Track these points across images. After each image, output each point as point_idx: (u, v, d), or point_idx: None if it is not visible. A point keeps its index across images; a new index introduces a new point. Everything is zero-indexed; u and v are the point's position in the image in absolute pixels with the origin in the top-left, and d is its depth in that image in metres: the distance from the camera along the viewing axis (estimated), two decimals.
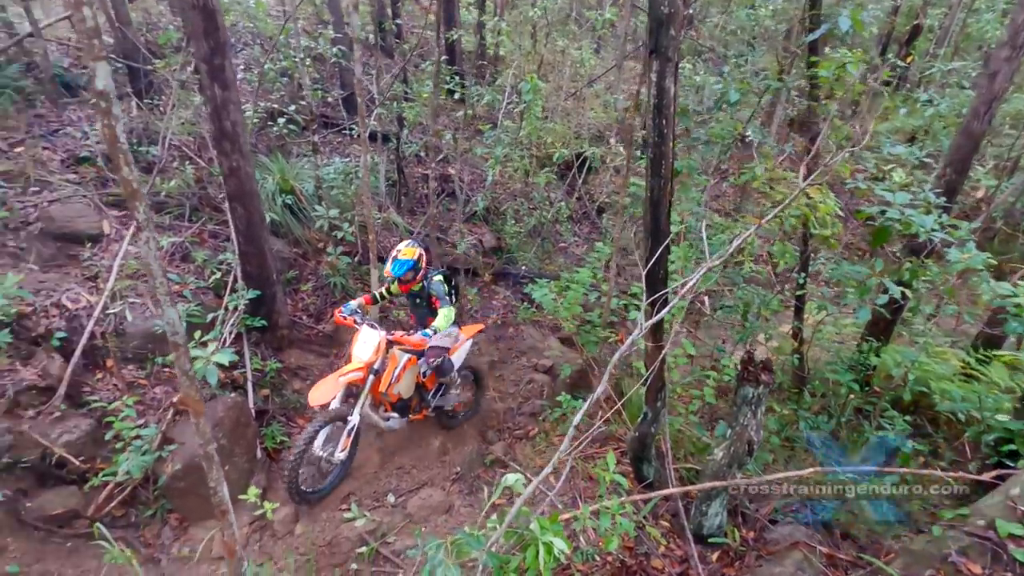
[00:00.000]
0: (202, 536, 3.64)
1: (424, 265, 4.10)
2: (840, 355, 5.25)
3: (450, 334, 4.27)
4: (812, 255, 4.97)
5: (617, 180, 9.16)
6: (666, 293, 2.86)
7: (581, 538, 3.45)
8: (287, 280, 5.44)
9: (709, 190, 6.04)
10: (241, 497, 2.96)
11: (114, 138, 1.67)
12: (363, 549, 3.60)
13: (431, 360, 4.11)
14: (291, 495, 3.66)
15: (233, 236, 4.96)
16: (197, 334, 4.13)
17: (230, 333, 4.43)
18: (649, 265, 2.73)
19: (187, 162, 5.87)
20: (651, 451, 3.70)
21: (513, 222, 7.10)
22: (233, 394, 4.26)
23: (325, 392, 3.66)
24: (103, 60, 1.61)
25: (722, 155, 4.60)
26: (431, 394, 4.53)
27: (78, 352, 3.96)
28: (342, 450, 3.82)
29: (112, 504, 3.60)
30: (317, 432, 3.64)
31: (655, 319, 2.61)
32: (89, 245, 4.71)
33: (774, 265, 5.07)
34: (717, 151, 5.49)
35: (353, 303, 4.15)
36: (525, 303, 6.43)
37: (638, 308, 4.56)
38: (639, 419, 3.63)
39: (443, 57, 8.32)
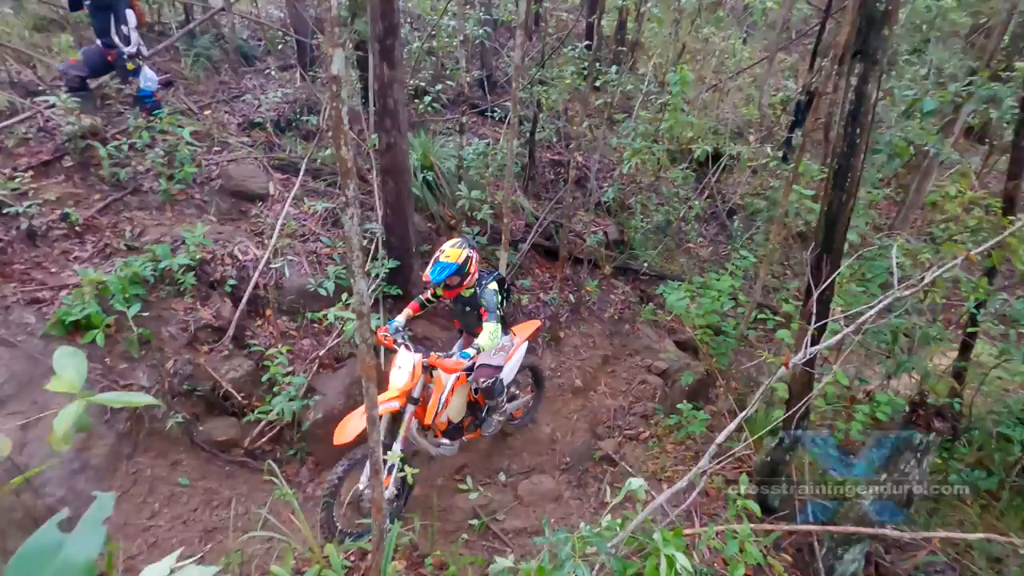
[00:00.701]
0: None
1: (473, 269, 3.62)
2: (1009, 406, 4.60)
3: (502, 347, 3.89)
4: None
5: (754, 181, 8.60)
6: (835, 318, 2.63)
7: (695, 554, 3.34)
8: (421, 253, 5.70)
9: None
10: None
11: (339, 120, 1.79)
12: (475, 522, 3.75)
13: (481, 381, 3.74)
14: (325, 532, 3.18)
15: (379, 207, 5.28)
16: (344, 296, 4.47)
17: (370, 298, 4.73)
18: (822, 287, 2.52)
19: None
20: (781, 478, 3.48)
21: (642, 217, 6.91)
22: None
23: (351, 429, 3.19)
24: (340, 48, 1.72)
25: (897, 167, 4.12)
26: (485, 411, 4.10)
27: (244, 299, 4.43)
28: (385, 488, 3.29)
29: (263, 439, 4.03)
30: (350, 468, 3.25)
31: (825, 344, 2.41)
32: (258, 203, 5.22)
33: (963, 299, 4.49)
34: (883, 161, 4.95)
35: (400, 318, 3.79)
36: (647, 303, 6.26)
37: (781, 324, 4.27)
38: (774, 443, 3.41)
39: (585, 43, 8.20)
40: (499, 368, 3.85)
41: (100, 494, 0.65)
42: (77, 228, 4.29)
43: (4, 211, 4.01)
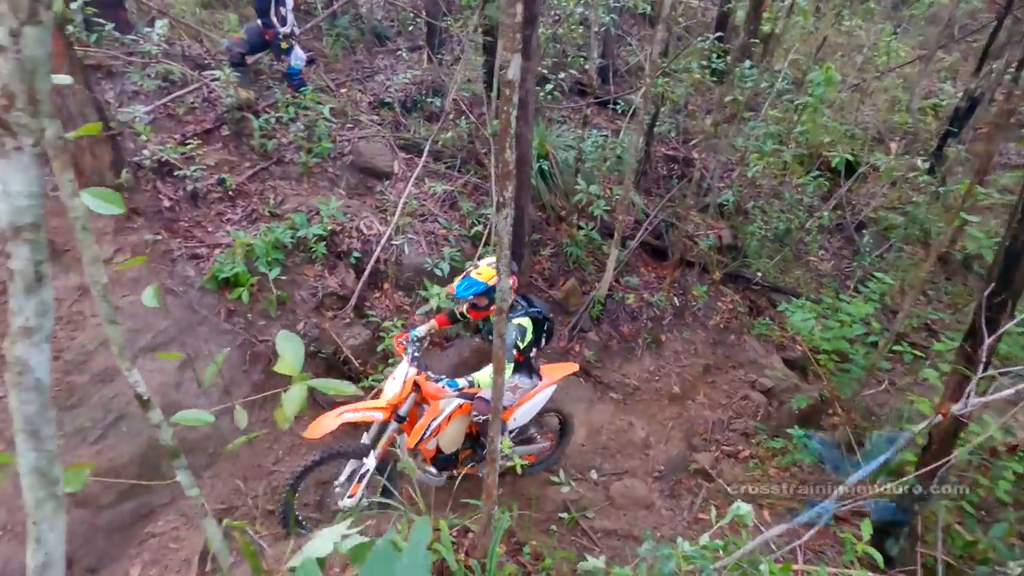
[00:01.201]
0: None
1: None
2: None
3: (516, 386, 3.47)
4: None
5: (891, 194, 7.84)
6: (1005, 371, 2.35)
7: None
8: (531, 242, 5.77)
9: None
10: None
11: (507, 124, 1.83)
12: (565, 516, 3.79)
13: (474, 415, 3.35)
14: (281, 520, 3.12)
15: (495, 194, 5.37)
16: (456, 279, 4.62)
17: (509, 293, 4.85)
18: (999, 332, 2.25)
19: (462, 117, 6.45)
20: (904, 529, 3.21)
21: (761, 223, 6.52)
22: (476, 338, 4.72)
23: (324, 426, 3.04)
24: (518, 53, 1.75)
25: None
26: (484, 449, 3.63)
27: (367, 272, 4.71)
28: (350, 496, 3.15)
29: None
30: (320, 461, 3.12)
31: (997, 397, 2.16)
32: (384, 181, 5.49)
33: None
34: None
35: (422, 328, 3.50)
36: (758, 315, 5.95)
37: (919, 358, 3.90)
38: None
39: (716, 34, 7.78)
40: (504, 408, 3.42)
41: (418, 519, 0.72)
42: (230, 192, 4.73)
43: (175, 173, 4.50)
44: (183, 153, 4.67)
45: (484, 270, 3.20)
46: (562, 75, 6.74)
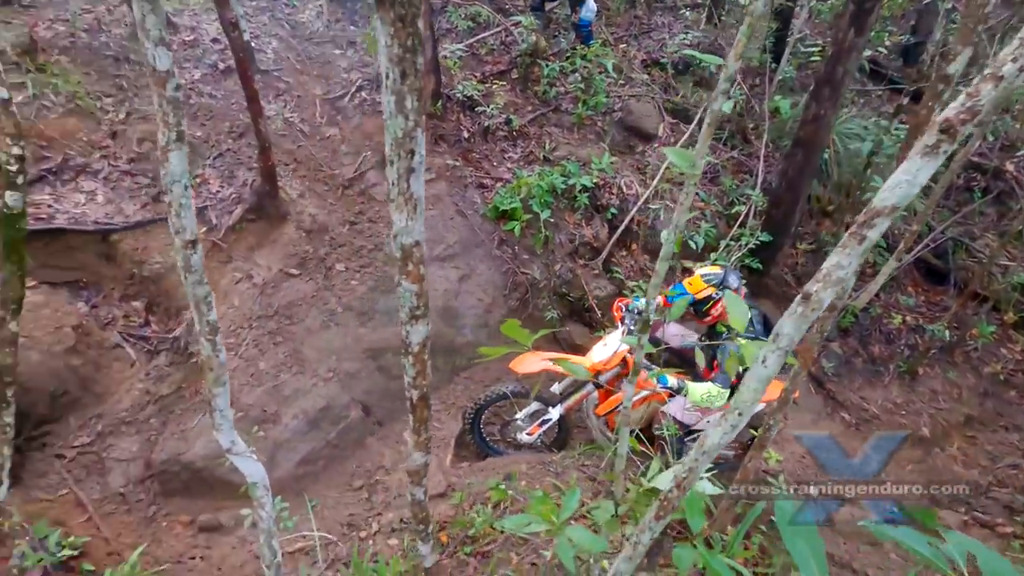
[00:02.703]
0: None
1: (716, 313, 3.01)
2: None
3: (708, 409, 3.14)
4: None
5: None
6: None
7: None
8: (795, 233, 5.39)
9: None
10: None
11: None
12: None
13: (654, 426, 3.28)
14: (471, 436, 3.52)
15: (760, 173, 5.08)
16: (711, 255, 4.56)
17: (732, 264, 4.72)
18: None
19: (735, 87, 6.10)
20: None
21: None
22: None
23: (528, 364, 3.15)
24: (971, 47, 1.61)
25: None
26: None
27: (620, 229, 4.86)
28: (528, 433, 3.40)
29: None
30: (506, 395, 3.39)
31: None
32: (648, 143, 5.51)
33: None
34: None
35: (643, 300, 3.15)
36: None
37: None
38: None
39: None
40: (687, 428, 3.27)
41: None
42: (514, 132, 5.17)
43: (475, 108, 5.03)
44: (481, 91, 5.19)
45: (695, 280, 3.05)
46: (868, 53, 5.96)
